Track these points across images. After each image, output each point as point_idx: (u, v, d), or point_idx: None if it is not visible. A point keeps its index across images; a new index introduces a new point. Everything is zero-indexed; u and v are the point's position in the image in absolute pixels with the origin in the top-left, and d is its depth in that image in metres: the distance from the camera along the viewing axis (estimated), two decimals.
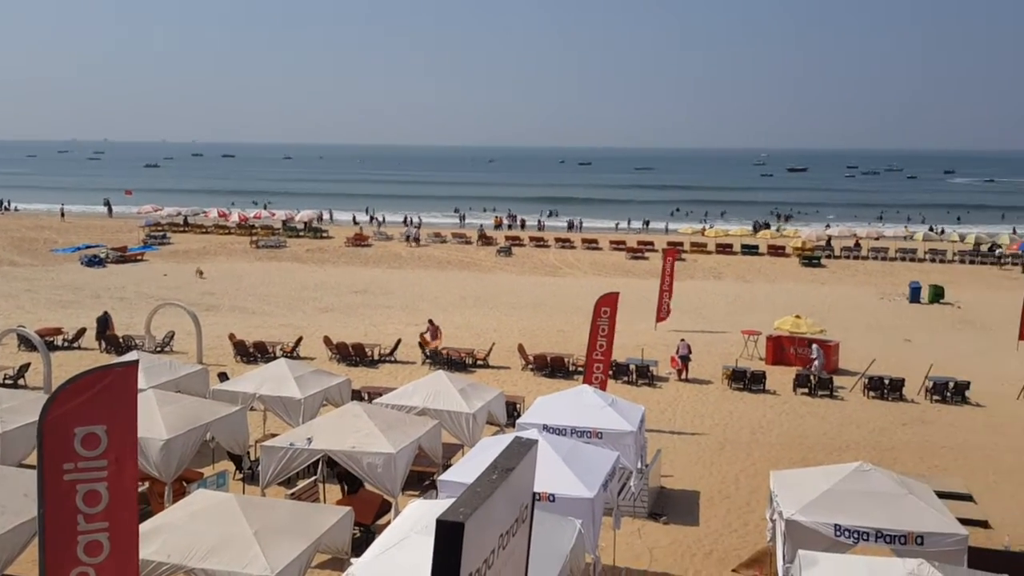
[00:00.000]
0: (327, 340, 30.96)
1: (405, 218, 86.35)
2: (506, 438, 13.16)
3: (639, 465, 17.58)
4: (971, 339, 36.47)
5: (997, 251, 61.15)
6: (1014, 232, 78.39)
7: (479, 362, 29.71)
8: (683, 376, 28.70)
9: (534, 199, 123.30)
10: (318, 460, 16.42)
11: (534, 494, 7.27)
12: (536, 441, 7.18)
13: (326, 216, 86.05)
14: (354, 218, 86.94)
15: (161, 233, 70.92)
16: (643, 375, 28.28)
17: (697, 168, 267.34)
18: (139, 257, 57.56)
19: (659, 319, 36.74)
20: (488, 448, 13.66)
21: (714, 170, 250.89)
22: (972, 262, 59.94)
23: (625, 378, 28.10)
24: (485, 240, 69.38)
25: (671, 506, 18.04)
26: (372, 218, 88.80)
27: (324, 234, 72.54)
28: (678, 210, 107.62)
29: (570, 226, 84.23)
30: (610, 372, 25.57)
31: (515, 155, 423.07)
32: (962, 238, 68.24)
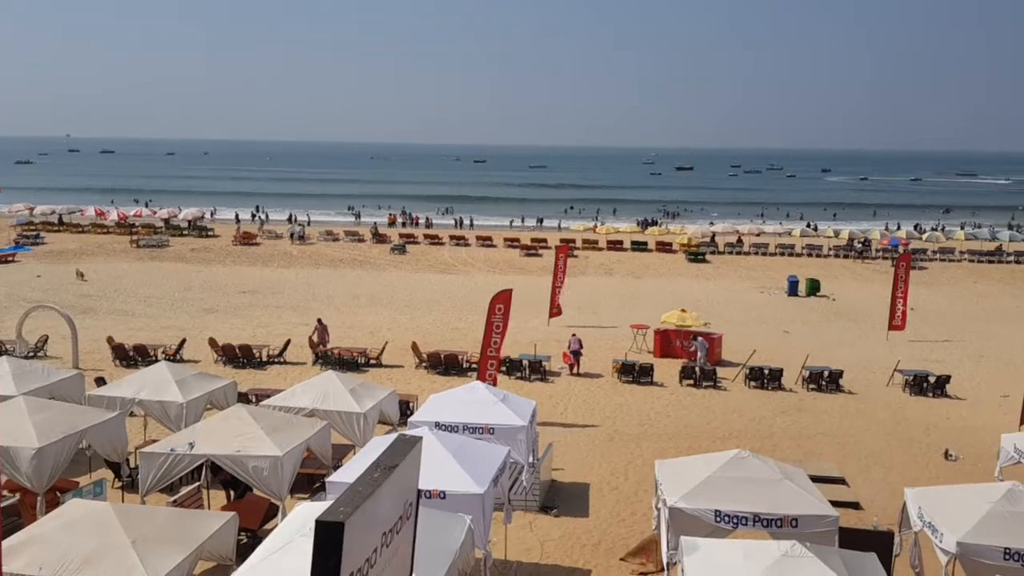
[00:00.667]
0: (212, 342, 30.06)
1: (290, 216, 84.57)
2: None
3: (530, 459, 17.79)
4: (844, 330, 38.37)
5: (857, 246, 64.42)
6: (885, 228, 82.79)
7: (372, 361, 29.42)
8: (575, 371, 29.15)
9: (429, 197, 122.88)
10: (201, 465, 15.93)
11: (419, 491, 7.27)
12: (420, 438, 7.17)
13: (208, 214, 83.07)
14: (236, 216, 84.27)
15: (34, 233, 67.33)
16: (536, 370, 28.57)
17: (590, 166, 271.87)
18: (10, 258, 54.42)
19: (552, 315, 37.21)
20: (379, 448, 13.53)
21: (606, 169, 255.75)
22: (846, 257, 63.03)
23: (518, 374, 28.33)
24: (379, 238, 68.69)
25: (562, 499, 18.32)
26: (255, 216, 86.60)
27: (210, 233, 70.31)
28: (571, 207, 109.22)
29: (459, 223, 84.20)
30: (503, 368, 25.79)
31: (409, 152, 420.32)
32: (836, 234, 71.71)
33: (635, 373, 28.33)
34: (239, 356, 29.05)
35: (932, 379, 27.95)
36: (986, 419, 24.81)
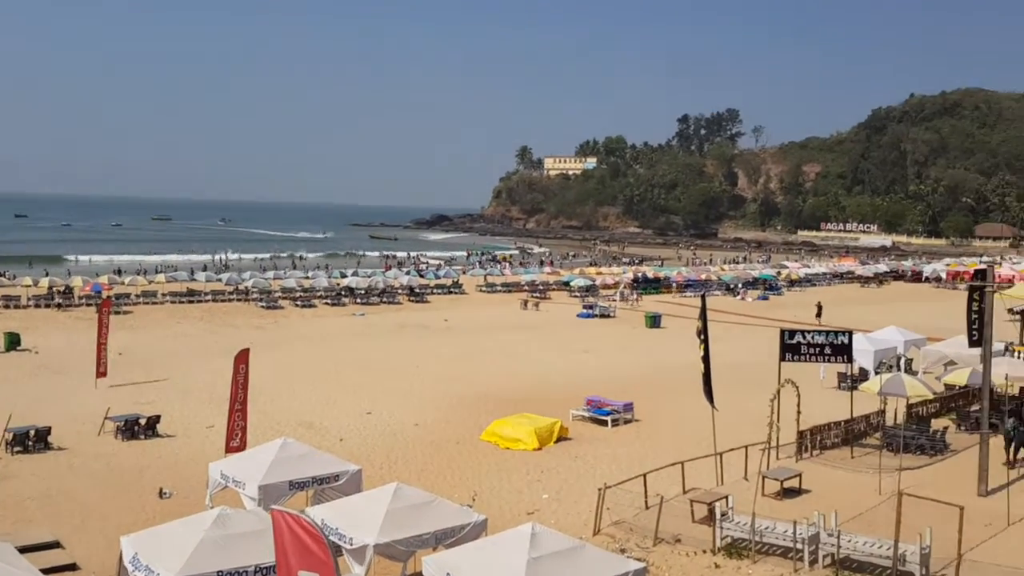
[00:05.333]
0: None
1: None
2: None
3: None
4: (51, 383, 36.42)
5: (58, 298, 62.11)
6: (70, 273, 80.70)
7: None
8: None
9: None
10: None
11: None
12: None
13: None
14: None
15: None
16: None
17: None
18: None
19: None
20: None
21: None
22: (48, 306, 59.85)
23: None
24: None
25: None
26: None
27: None
28: None
29: None
30: None
31: None
32: (36, 283, 67.61)
33: None
34: None
35: (143, 421, 28.49)
36: (196, 451, 26.36)
